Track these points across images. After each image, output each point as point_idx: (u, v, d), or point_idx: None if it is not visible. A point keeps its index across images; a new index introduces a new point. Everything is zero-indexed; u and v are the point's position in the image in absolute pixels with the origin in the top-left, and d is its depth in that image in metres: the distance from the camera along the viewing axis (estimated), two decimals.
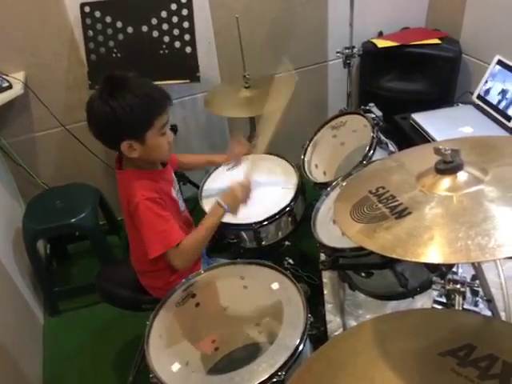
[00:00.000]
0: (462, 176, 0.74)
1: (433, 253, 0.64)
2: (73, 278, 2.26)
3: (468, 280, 0.89)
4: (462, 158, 0.74)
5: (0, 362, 1.52)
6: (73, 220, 1.90)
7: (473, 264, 0.82)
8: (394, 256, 0.65)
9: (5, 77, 1.89)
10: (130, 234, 1.38)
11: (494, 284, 1.24)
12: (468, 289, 0.89)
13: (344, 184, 1.34)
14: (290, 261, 1.87)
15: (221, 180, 1.77)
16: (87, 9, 1.88)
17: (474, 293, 0.89)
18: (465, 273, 0.94)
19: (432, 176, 0.77)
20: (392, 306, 1.27)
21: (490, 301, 0.84)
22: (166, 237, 1.24)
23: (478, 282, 0.87)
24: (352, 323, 1.30)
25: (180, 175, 2.24)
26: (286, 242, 1.80)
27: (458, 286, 0.87)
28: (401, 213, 0.73)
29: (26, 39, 1.94)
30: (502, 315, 1.16)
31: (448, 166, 0.74)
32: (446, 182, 0.75)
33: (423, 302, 1.21)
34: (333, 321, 1.34)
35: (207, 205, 1.64)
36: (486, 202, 0.69)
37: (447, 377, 0.70)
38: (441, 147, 0.74)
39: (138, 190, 1.24)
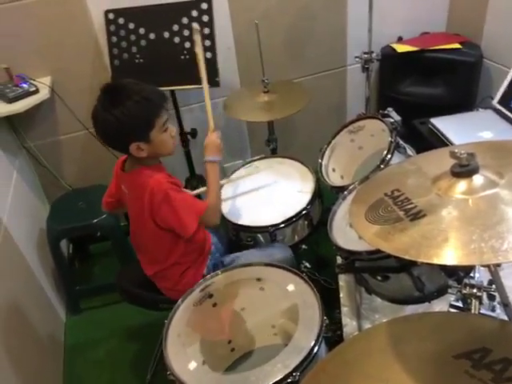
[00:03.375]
0: (477, 179, 0.75)
1: (446, 255, 0.64)
2: (94, 278, 2.32)
3: (485, 284, 0.89)
4: (477, 162, 0.75)
5: (22, 358, 1.56)
6: (95, 221, 1.95)
7: (489, 268, 0.82)
8: (407, 257, 0.66)
9: (32, 81, 1.96)
10: (148, 233, 1.40)
11: None
12: (485, 293, 0.89)
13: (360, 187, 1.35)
14: (307, 264, 1.87)
15: (241, 183, 1.79)
16: (111, 16, 1.93)
17: (491, 297, 0.89)
18: (482, 278, 0.93)
19: (448, 179, 0.78)
20: (409, 311, 1.27)
21: (506, 305, 0.84)
22: (195, 210, 1.35)
23: (494, 286, 0.87)
24: (368, 327, 1.30)
25: (199, 177, 2.28)
26: (303, 246, 1.81)
27: (475, 291, 0.87)
28: (415, 215, 0.74)
29: (52, 45, 2.01)
30: None
31: (464, 169, 0.75)
32: (461, 185, 0.75)
33: (440, 306, 1.20)
34: (349, 324, 1.34)
35: (225, 207, 1.66)
36: (502, 205, 0.69)
37: (461, 379, 0.70)
38: (456, 151, 0.74)
39: (162, 180, 1.30)
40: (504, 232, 0.63)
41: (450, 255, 0.64)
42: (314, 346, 1.07)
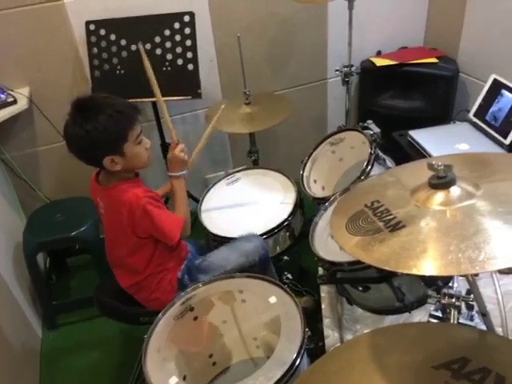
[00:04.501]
0: (454, 191, 0.76)
1: (424, 265, 0.65)
2: (72, 292, 2.26)
3: (463, 294, 0.90)
4: (454, 173, 0.76)
5: None
6: (73, 233, 1.91)
7: (467, 278, 0.83)
8: (387, 268, 0.66)
9: (10, 92, 1.92)
10: (127, 245, 1.39)
11: (491, 299, 1.25)
12: (463, 303, 0.90)
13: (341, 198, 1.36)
14: (289, 276, 1.87)
15: (220, 194, 1.79)
16: (92, 27, 1.93)
17: (469, 307, 0.90)
18: (460, 287, 0.95)
19: (426, 190, 0.79)
20: (390, 321, 1.28)
21: (484, 315, 0.85)
22: (175, 220, 1.37)
23: (472, 296, 0.88)
24: (350, 338, 1.30)
25: None
26: (285, 257, 1.81)
27: (453, 300, 0.88)
28: (395, 226, 0.74)
29: (31, 56, 1.99)
30: (499, 331, 1.17)
31: (441, 180, 0.76)
32: (439, 196, 0.77)
33: (421, 316, 1.21)
34: (330, 335, 1.34)
35: (206, 219, 1.66)
36: (478, 216, 0.70)
37: None
38: (434, 162, 0.75)
39: (139, 194, 1.29)
40: (480, 243, 0.64)
41: (428, 266, 0.65)
42: (296, 358, 1.07)
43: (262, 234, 1.54)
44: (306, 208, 1.75)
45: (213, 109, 2.10)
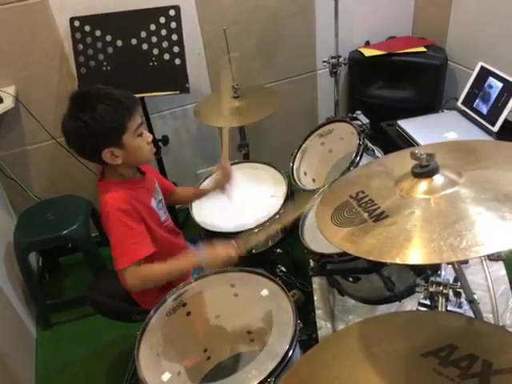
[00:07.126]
0: (438, 179, 0.76)
1: (407, 254, 0.65)
2: (65, 291, 2.26)
3: (450, 282, 0.90)
4: (437, 162, 0.76)
5: None
6: (64, 232, 1.90)
7: (453, 265, 0.83)
8: (372, 258, 0.66)
9: None
10: None
11: (481, 286, 1.26)
12: (451, 291, 0.90)
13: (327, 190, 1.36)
14: (283, 268, 1.88)
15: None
16: (77, 23, 1.90)
17: (457, 294, 0.90)
18: (448, 275, 0.95)
19: (410, 180, 0.79)
20: (381, 311, 1.28)
21: (471, 301, 0.86)
22: (134, 250, 1.23)
23: (459, 283, 0.88)
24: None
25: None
26: (278, 250, 1.81)
27: (441, 288, 0.89)
28: (379, 216, 0.74)
29: (16, 54, 1.96)
30: (490, 317, 1.18)
31: (424, 169, 0.76)
32: (422, 185, 0.77)
33: (412, 305, 1.22)
34: (323, 327, 1.34)
35: (197, 214, 1.65)
36: (461, 203, 0.70)
37: (429, 377, 0.71)
38: (416, 152, 0.75)
39: (110, 200, 1.24)
40: (462, 230, 0.64)
41: (412, 255, 0.65)
42: (289, 350, 1.07)
43: (253, 228, 1.54)
44: None
45: (202, 103, 2.09)
